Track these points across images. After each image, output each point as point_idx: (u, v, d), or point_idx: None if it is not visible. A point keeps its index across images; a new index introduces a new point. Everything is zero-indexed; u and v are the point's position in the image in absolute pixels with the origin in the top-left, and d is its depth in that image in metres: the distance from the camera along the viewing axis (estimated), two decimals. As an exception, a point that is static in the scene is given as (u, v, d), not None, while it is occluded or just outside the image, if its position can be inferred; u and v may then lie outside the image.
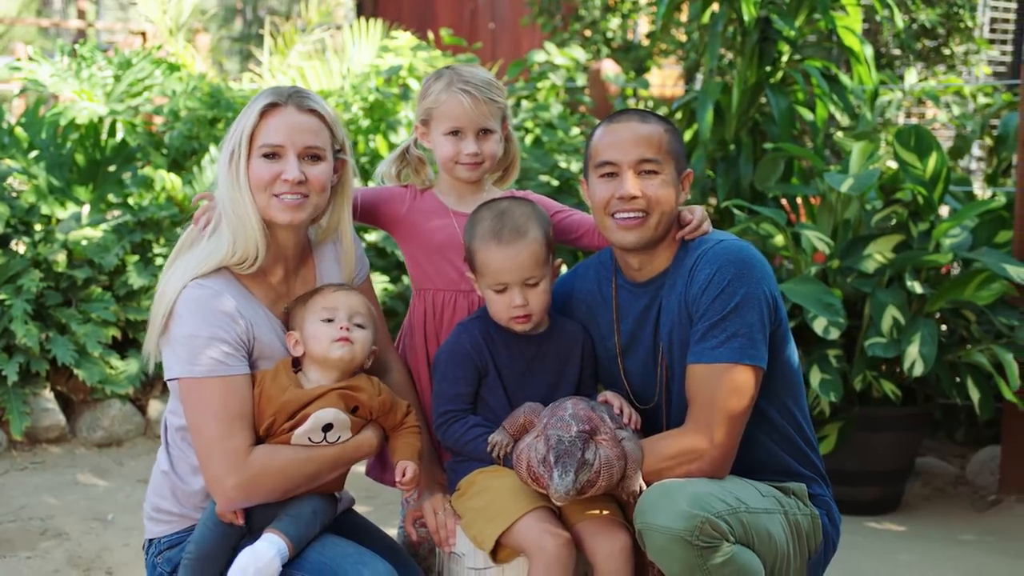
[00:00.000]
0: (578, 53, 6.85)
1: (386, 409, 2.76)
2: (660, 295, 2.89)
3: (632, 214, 2.81)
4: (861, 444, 4.74)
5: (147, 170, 5.97)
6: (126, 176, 5.97)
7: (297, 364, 2.75)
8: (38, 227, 5.47)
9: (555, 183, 6.46)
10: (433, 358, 2.99)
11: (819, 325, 4.47)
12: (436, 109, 3.03)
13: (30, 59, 6.92)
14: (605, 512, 2.73)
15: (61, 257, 5.25)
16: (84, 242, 5.42)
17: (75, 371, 5.07)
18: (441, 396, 2.87)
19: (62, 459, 5.04)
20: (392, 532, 3.17)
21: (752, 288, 2.76)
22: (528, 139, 6.69)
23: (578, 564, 2.72)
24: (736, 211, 4.97)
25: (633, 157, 2.82)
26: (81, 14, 19.74)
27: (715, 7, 5.57)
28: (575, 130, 6.92)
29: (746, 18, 5.25)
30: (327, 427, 2.66)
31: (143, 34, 11.39)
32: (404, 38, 7.46)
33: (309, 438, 2.66)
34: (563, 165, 6.60)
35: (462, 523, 2.80)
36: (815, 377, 4.54)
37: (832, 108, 5.44)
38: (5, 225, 5.27)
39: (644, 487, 2.68)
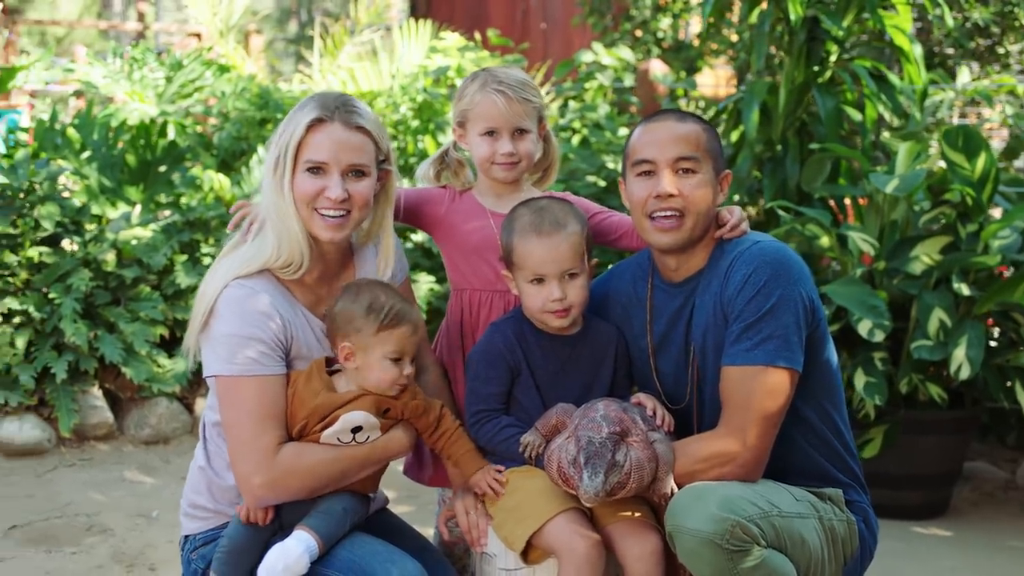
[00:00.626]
0: (625, 53, 6.83)
1: (419, 412, 2.76)
2: (694, 295, 2.88)
3: (669, 213, 2.80)
4: (907, 448, 4.67)
5: (195, 170, 6.04)
6: (176, 177, 6.05)
7: (331, 362, 2.77)
8: (89, 227, 5.55)
9: (602, 183, 6.44)
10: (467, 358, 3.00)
11: (864, 328, 4.42)
12: (471, 110, 3.04)
13: (90, 63, 7.04)
14: (637, 514, 2.72)
15: (110, 256, 5.32)
16: (134, 241, 5.49)
17: (123, 369, 5.13)
18: (474, 395, 2.87)
19: (110, 456, 5.10)
20: (431, 532, 3.19)
21: (788, 290, 2.73)
22: (575, 139, 6.67)
23: (610, 566, 2.71)
24: (781, 212, 4.93)
25: (670, 155, 2.80)
26: (140, 16, 19.99)
27: (763, 6, 5.53)
28: (623, 131, 6.90)
29: (792, 17, 5.20)
30: (356, 429, 2.68)
31: (199, 35, 11.54)
32: (452, 39, 7.48)
33: (338, 438, 2.67)
34: (611, 166, 6.58)
35: (493, 523, 2.80)
36: (860, 380, 4.49)
37: (881, 108, 5.38)
38: (56, 225, 5.34)
39: (676, 489, 2.66)
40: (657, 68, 7.05)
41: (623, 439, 2.61)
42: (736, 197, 5.48)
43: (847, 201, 5.46)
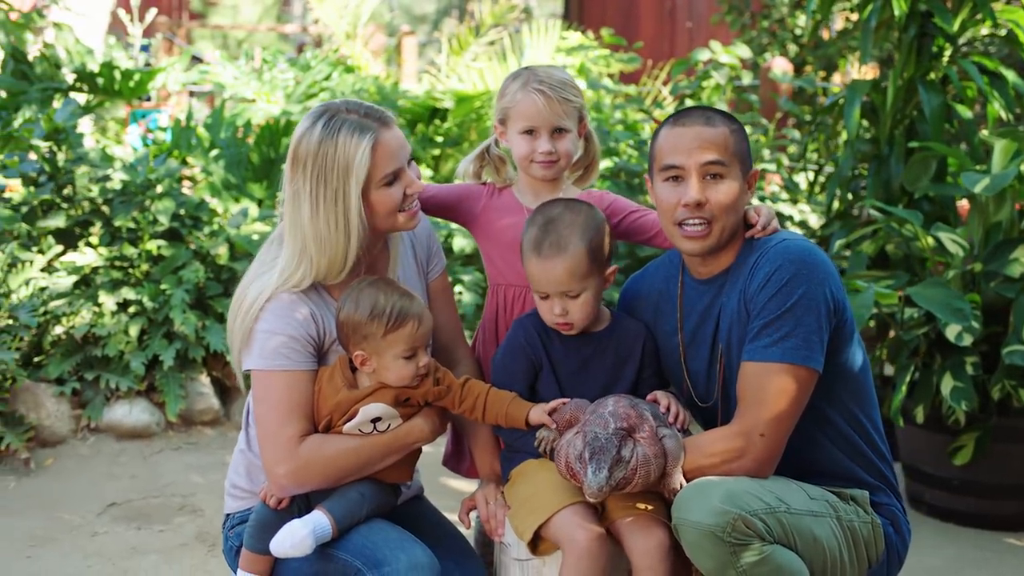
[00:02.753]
0: (742, 51, 6.75)
1: (441, 396, 2.83)
2: (722, 293, 2.87)
3: (698, 223, 2.79)
4: (1000, 456, 4.52)
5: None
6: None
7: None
8: (209, 222, 5.80)
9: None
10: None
11: (951, 332, 4.29)
12: (512, 108, 3.09)
13: (256, 63, 7.35)
14: (649, 508, 2.73)
15: (223, 250, 5.55)
16: (255, 236, 5.71)
17: (228, 358, 5.36)
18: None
19: (214, 440, 5.33)
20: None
21: (811, 289, 2.70)
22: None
23: (623, 561, 2.74)
24: (873, 211, 4.82)
25: (698, 160, 2.78)
26: (315, 20, 20.59)
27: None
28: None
29: (896, 13, 5.08)
30: (375, 420, 2.77)
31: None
32: (574, 38, 7.52)
33: (359, 429, 2.77)
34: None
35: (509, 513, 2.85)
36: (947, 385, 4.37)
37: (997, 106, 5.21)
38: (172, 219, 5.60)
39: (685, 484, 2.67)
40: (778, 66, 6.93)
41: (630, 435, 2.63)
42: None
43: (964, 202, 5.31)
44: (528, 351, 2.89)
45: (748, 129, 7.08)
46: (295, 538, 2.67)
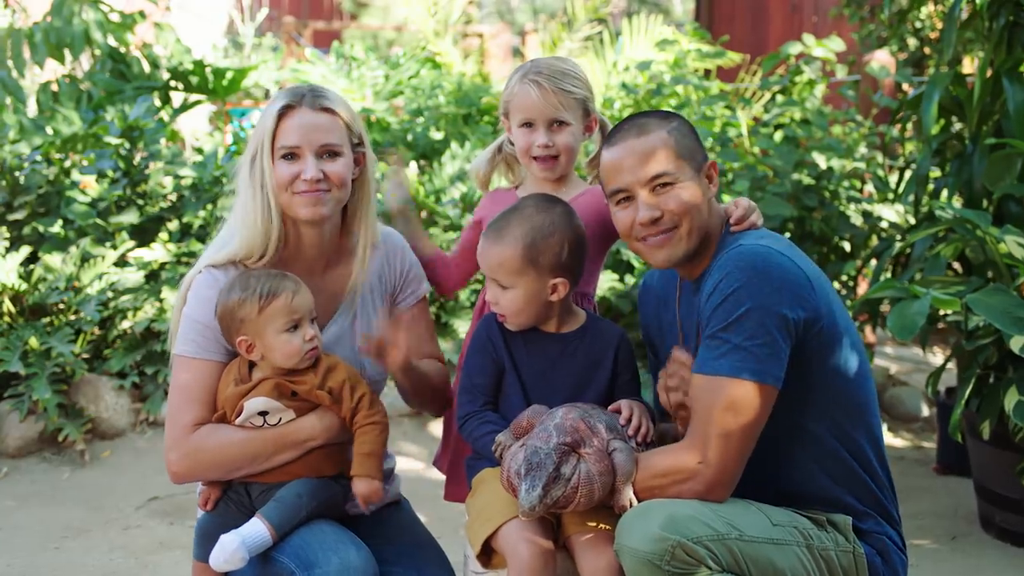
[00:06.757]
0: (835, 44, 6.45)
1: (326, 402, 2.75)
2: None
3: (660, 236, 2.64)
4: (1073, 477, 4.20)
5: (381, 165, 6.22)
6: (375, 171, 6.24)
7: None
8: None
9: (809, 181, 6.12)
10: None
11: (1016, 343, 3.96)
12: (511, 101, 3.02)
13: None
14: (603, 527, 2.59)
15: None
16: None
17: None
18: (461, 389, 2.84)
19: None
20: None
21: (762, 300, 2.49)
22: (777, 135, 6.36)
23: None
24: (939, 212, 4.53)
25: (641, 178, 2.62)
26: (468, 19, 20.71)
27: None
28: (838, 128, 6.53)
29: (978, 1, 4.77)
30: (263, 413, 2.72)
31: (480, 36, 11.92)
32: (666, 33, 7.33)
33: (250, 422, 2.73)
34: (823, 166, 6.23)
35: (466, 523, 2.76)
36: (1011, 399, 4.05)
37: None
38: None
39: (635, 502, 2.52)
40: (877, 60, 6.61)
41: (575, 450, 2.49)
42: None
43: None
44: (489, 347, 2.79)
45: (849, 127, 6.77)
46: (226, 553, 2.63)
